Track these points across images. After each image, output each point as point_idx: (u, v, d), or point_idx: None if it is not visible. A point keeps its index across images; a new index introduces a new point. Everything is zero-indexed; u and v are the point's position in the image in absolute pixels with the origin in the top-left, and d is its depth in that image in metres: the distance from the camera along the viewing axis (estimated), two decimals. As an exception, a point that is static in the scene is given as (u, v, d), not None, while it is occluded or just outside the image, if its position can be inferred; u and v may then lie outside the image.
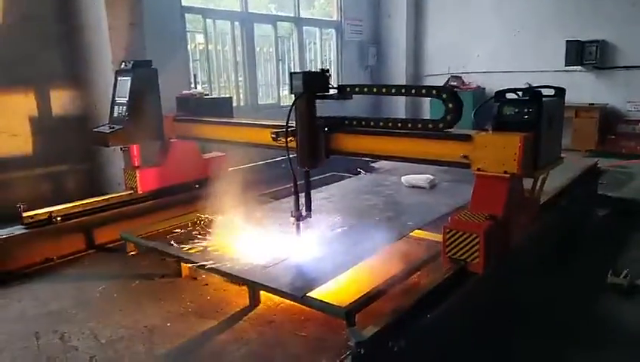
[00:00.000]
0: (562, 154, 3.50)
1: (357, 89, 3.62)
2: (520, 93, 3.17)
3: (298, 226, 3.58)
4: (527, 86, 3.26)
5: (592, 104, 8.55)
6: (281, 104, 8.50)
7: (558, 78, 7.71)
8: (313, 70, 3.57)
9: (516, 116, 3.04)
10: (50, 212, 4.14)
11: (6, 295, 3.45)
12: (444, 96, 3.13)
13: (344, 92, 3.53)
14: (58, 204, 4.28)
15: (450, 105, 3.10)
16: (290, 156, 3.44)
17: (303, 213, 3.56)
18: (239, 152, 5.17)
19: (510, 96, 3.18)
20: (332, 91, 3.50)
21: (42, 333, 2.93)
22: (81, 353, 2.73)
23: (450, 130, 3.18)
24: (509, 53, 9.49)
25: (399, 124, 3.40)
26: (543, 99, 3.06)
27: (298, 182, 3.50)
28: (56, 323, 3.04)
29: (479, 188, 3.06)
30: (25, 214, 4.01)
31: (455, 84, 9.71)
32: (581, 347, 2.90)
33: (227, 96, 6.01)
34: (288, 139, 3.46)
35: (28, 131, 5.42)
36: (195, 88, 6.38)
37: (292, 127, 3.51)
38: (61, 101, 5.69)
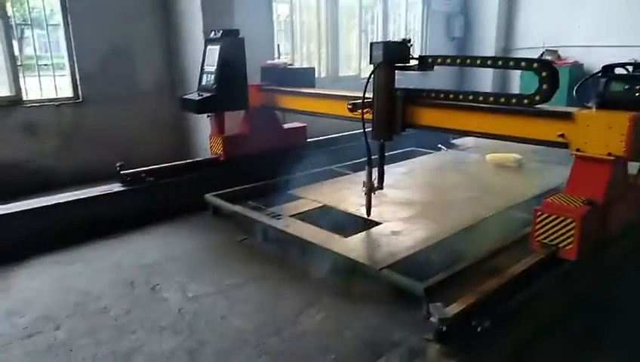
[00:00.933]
0: None
1: (439, 60, 3.46)
2: (630, 68, 2.90)
3: (369, 198, 3.56)
4: (635, 62, 2.95)
5: None
6: (362, 76, 8.38)
7: (672, 54, 6.91)
8: (395, 40, 3.44)
9: (626, 93, 2.80)
10: (145, 171, 4.44)
11: (105, 246, 3.77)
12: (538, 66, 2.90)
13: (425, 63, 3.39)
14: (150, 165, 4.57)
15: (545, 78, 2.86)
16: (366, 128, 3.38)
17: (375, 184, 3.54)
18: (320, 123, 5.19)
19: (619, 71, 2.91)
20: (412, 62, 3.40)
21: (137, 283, 3.19)
22: (171, 304, 2.93)
23: (543, 105, 2.96)
24: (614, 25, 8.60)
25: (487, 98, 3.20)
26: (660, 75, 2.78)
27: (373, 156, 3.46)
28: (149, 275, 3.29)
29: (578, 171, 2.85)
30: (122, 172, 4.33)
31: (550, 58, 9.02)
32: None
33: (310, 66, 6.01)
34: (365, 110, 3.41)
35: (124, 97, 5.78)
36: (279, 58, 6.46)
37: (369, 98, 3.45)
38: (154, 68, 6.00)
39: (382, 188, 3.60)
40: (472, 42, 10.12)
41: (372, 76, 3.38)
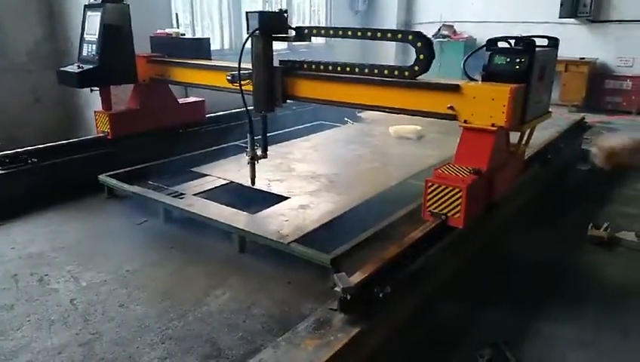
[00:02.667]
0: (549, 109, 3.41)
1: (314, 31, 3.45)
2: (512, 42, 3.05)
3: (253, 167, 3.55)
4: (518, 36, 3.13)
5: (583, 58, 8.47)
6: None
7: (552, 31, 7.53)
8: (272, 10, 3.36)
9: (507, 66, 2.92)
10: (26, 153, 4.00)
11: (-17, 237, 3.38)
12: (403, 36, 2.97)
13: (301, 34, 3.37)
14: (33, 146, 4.15)
15: (422, 51, 2.95)
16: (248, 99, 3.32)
17: (259, 153, 3.53)
18: (226, 97, 4.99)
19: (503, 45, 3.06)
20: (290, 33, 3.37)
21: (21, 276, 2.89)
22: (62, 295, 2.70)
23: (435, 78, 3.06)
24: (504, 2, 9.23)
25: (372, 71, 3.19)
26: (537, 49, 2.94)
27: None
28: (36, 266, 3.00)
29: (465, 141, 2.95)
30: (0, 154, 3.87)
31: (447, 33, 9.48)
32: (561, 297, 2.98)
33: (205, 37, 5.66)
34: (247, 82, 3.35)
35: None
36: (178, 29, 6.09)
37: (249, 69, 3.39)
38: (33, 35, 5.39)
39: (266, 157, 3.60)
40: (374, 16, 10.32)
41: (247, 46, 3.26)
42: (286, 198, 3.69)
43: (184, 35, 5.00)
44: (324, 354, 1.89)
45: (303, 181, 4.08)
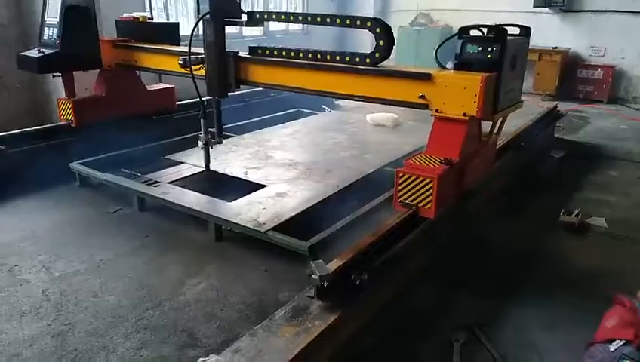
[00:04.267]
0: (523, 98, 3.41)
1: (266, 16, 3.44)
2: (485, 30, 3.03)
3: (207, 152, 3.55)
4: (493, 25, 3.11)
5: (556, 48, 8.61)
6: (243, 34, 8.09)
7: (526, 20, 7.62)
8: None
9: (479, 55, 2.90)
10: (-7, 139, 3.88)
11: (-51, 227, 3.27)
12: (372, 25, 2.94)
13: (253, 19, 3.36)
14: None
15: (381, 38, 2.92)
16: (198, 83, 3.33)
17: (213, 139, 3.53)
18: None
19: (475, 33, 3.03)
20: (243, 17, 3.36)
21: (-10, 267, 2.82)
22: (33, 286, 2.65)
23: (406, 66, 3.04)
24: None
25: (334, 57, 3.14)
26: (508, 38, 2.93)
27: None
28: (5, 256, 2.93)
29: (437, 131, 2.92)
30: (-35, 141, 3.74)
31: (423, 21, 9.50)
32: (532, 281, 3.05)
33: (174, 21, 5.48)
34: (199, 67, 3.34)
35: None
36: (151, 14, 5.92)
37: (201, 53, 3.37)
38: (-1, 20, 5.19)
39: (221, 143, 3.60)
40: (351, 3, 10.25)
41: (196, 31, 3.26)
42: (263, 186, 3.67)
43: (151, 18, 4.82)
44: (302, 341, 1.89)
45: (281, 168, 4.06)
